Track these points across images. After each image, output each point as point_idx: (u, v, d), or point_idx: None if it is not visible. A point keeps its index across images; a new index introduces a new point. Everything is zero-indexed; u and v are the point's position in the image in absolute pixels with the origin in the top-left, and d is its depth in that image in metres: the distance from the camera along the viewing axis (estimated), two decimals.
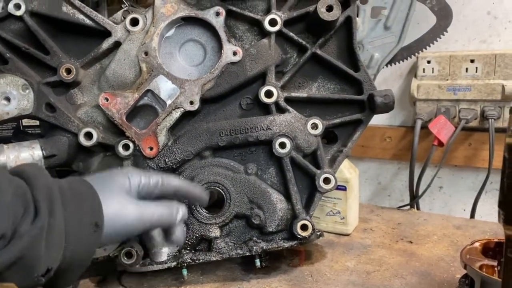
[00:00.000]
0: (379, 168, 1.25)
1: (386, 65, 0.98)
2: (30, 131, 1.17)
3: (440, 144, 1.00)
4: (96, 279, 0.83)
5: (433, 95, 1.06)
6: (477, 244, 0.73)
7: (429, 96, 1.06)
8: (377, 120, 1.16)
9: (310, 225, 0.78)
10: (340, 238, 0.96)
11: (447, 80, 1.05)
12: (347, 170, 0.94)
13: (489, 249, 0.71)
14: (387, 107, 0.80)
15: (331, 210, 0.97)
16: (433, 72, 1.06)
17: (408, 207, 1.10)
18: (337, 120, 0.82)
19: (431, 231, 0.95)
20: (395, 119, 1.20)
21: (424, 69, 1.07)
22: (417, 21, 1.01)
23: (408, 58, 0.98)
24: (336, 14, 0.77)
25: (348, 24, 0.82)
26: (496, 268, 0.68)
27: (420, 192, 1.07)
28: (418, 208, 1.10)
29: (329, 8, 0.77)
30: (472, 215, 1.05)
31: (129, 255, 0.77)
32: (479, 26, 1.05)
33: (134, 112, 0.81)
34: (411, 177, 1.05)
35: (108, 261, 0.78)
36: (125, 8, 0.90)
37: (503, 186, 0.39)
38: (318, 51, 0.82)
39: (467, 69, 1.02)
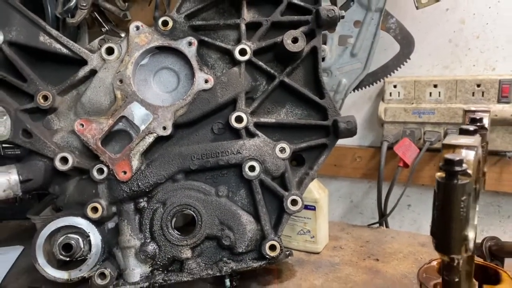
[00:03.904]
0: (351, 187, 1.29)
1: (353, 90, 1.03)
2: (10, 152, 1.19)
3: (405, 165, 1.05)
4: None
5: (400, 118, 1.11)
6: (434, 263, 0.77)
7: (396, 119, 1.11)
8: (348, 140, 1.20)
9: (278, 246, 0.82)
10: (310, 256, 0.99)
11: (412, 103, 1.10)
12: (316, 190, 0.98)
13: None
14: (350, 132, 0.84)
15: (301, 229, 1.00)
16: (399, 96, 1.11)
17: (378, 225, 1.14)
18: (304, 144, 0.86)
19: (398, 249, 1.00)
20: (365, 140, 1.25)
21: (390, 93, 1.12)
22: (384, 48, 1.07)
23: (374, 83, 1.03)
24: (301, 46, 0.82)
25: (314, 54, 0.86)
26: None
27: (388, 210, 1.11)
28: (387, 226, 1.14)
29: (295, 40, 0.82)
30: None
31: (102, 276, 0.79)
32: (441, 53, 1.10)
33: (110, 137, 0.84)
34: (379, 197, 1.09)
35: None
36: (102, 37, 0.94)
37: (434, 217, 0.43)
38: (286, 79, 0.86)
39: (430, 93, 1.07)
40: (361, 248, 1.01)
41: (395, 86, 1.11)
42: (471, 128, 0.50)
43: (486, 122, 0.60)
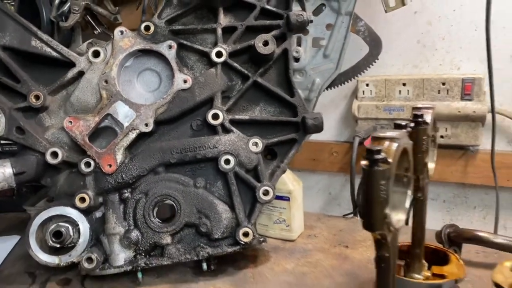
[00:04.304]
0: (329, 180, 1.36)
1: (326, 88, 1.10)
2: (7, 148, 1.27)
3: None
4: (62, 282, 0.92)
5: (372, 114, 1.18)
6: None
7: (368, 115, 1.18)
8: (326, 136, 1.29)
9: (251, 232, 0.89)
10: (285, 244, 1.06)
11: (383, 101, 1.17)
12: (291, 182, 1.05)
13: (402, 252, 0.82)
14: (317, 128, 0.91)
15: (277, 219, 1.07)
16: (371, 94, 1.18)
17: (352, 215, 1.21)
18: (276, 139, 0.94)
19: (367, 237, 1.07)
20: (341, 136, 1.32)
21: (363, 91, 1.19)
22: (360, 48, 1.13)
23: (346, 82, 1.10)
24: (271, 48, 0.89)
25: (285, 56, 0.93)
26: (402, 267, 0.79)
27: None
28: None
29: (265, 43, 0.89)
30: (406, 222, 1.17)
31: (90, 260, 0.87)
32: (410, 53, 1.17)
33: (97, 133, 0.91)
34: (352, 189, 1.16)
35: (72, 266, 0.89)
36: (90, 41, 1.02)
37: (360, 200, 0.50)
38: (259, 79, 0.93)
39: (400, 91, 1.14)
40: (334, 236, 1.09)
41: (367, 85, 1.18)
42: (403, 123, 0.57)
43: (427, 118, 0.67)
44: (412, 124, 0.66)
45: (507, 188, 1.11)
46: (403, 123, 0.57)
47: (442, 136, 1.11)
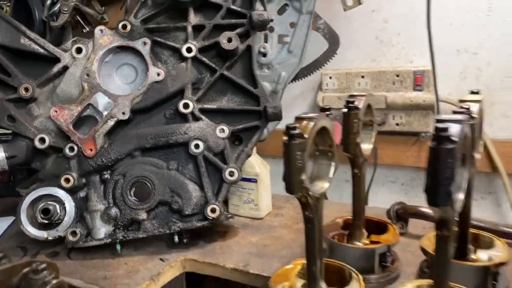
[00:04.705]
0: None
1: (292, 81, 1.20)
2: (4, 138, 1.38)
3: (336, 145, 1.23)
4: (51, 254, 1.03)
5: (335, 105, 1.28)
6: (339, 220, 0.95)
7: (332, 106, 1.28)
8: None
9: (218, 209, 1.00)
10: (253, 222, 1.17)
11: (345, 92, 1.28)
12: (258, 166, 1.16)
13: (347, 224, 0.93)
14: (276, 116, 1.02)
15: (247, 199, 1.18)
16: (334, 86, 1.28)
17: None
18: (241, 126, 1.04)
19: (327, 215, 1.15)
20: None
21: (327, 84, 1.29)
22: (322, 44, 1.24)
23: (308, 75, 1.21)
24: (234, 45, 0.99)
25: (249, 51, 1.04)
26: (345, 236, 0.90)
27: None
28: (326, 198, 1.32)
29: (229, 40, 0.99)
30: (366, 202, 1.28)
31: (74, 234, 0.98)
32: (369, 48, 1.28)
33: (80, 122, 1.02)
34: None
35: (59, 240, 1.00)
36: (74, 39, 1.12)
37: (284, 169, 0.60)
38: (225, 72, 1.04)
39: (359, 83, 1.25)
40: (298, 215, 1.20)
41: (330, 78, 1.28)
42: (327, 107, 0.68)
43: (359, 104, 0.78)
44: (345, 110, 0.77)
45: None
46: (327, 107, 0.68)
47: (397, 124, 1.22)
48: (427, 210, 1.01)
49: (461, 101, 0.69)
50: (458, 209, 0.56)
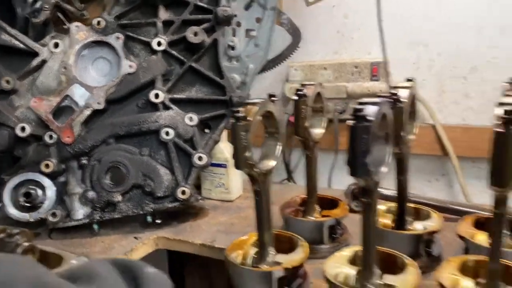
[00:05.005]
0: None
1: (259, 73, 1.28)
2: None
3: None
4: (32, 234, 1.11)
5: None
6: (297, 198, 1.04)
7: None
8: None
9: (188, 191, 1.08)
10: (224, 204, 1.26)
11: None
12: (227, 151, 1.25)
13: (303, 201, 1.02)
14: (241, 105, 1.10)
15: (218, 183, 1.27)
16: (299, 77, 1.37)
17: (286, 181, 1.41)
18: (208, 115, 1.13)
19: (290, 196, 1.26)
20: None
21: (293, 75, 1.38)
22: (287, 38, 1.32)
23: (274, 67, 1.29)
24: (200, 38, 1.08)
25: (215, 45, 1.12)
26: (300, 212, 0.99)
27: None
28: (294, 182, 1.41)
29: (195, 34, 1.08)
30: (329, 184, 1.38)
31: (54, 215, 1.06)
32: (332, 41, 1.37)
33: (60, 112, 1.10)
34: (284, 158, 1.36)
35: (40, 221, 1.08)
36: (52, 34, 1.19)
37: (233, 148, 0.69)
38: (193, 64, 1.12)
39: (322, 74, 1.34)
40: None
41: (296, 70, 1.37)
42: (272, 93, 0.77)
43: (306, 92, 0.87)
44: (295, 97, 0.86)
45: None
46: (272, 93, 0.77)
47: None
48: (380, 189, 1.10)
49: (392, 87, 0.78)
50: (378, 179, 0.65)
